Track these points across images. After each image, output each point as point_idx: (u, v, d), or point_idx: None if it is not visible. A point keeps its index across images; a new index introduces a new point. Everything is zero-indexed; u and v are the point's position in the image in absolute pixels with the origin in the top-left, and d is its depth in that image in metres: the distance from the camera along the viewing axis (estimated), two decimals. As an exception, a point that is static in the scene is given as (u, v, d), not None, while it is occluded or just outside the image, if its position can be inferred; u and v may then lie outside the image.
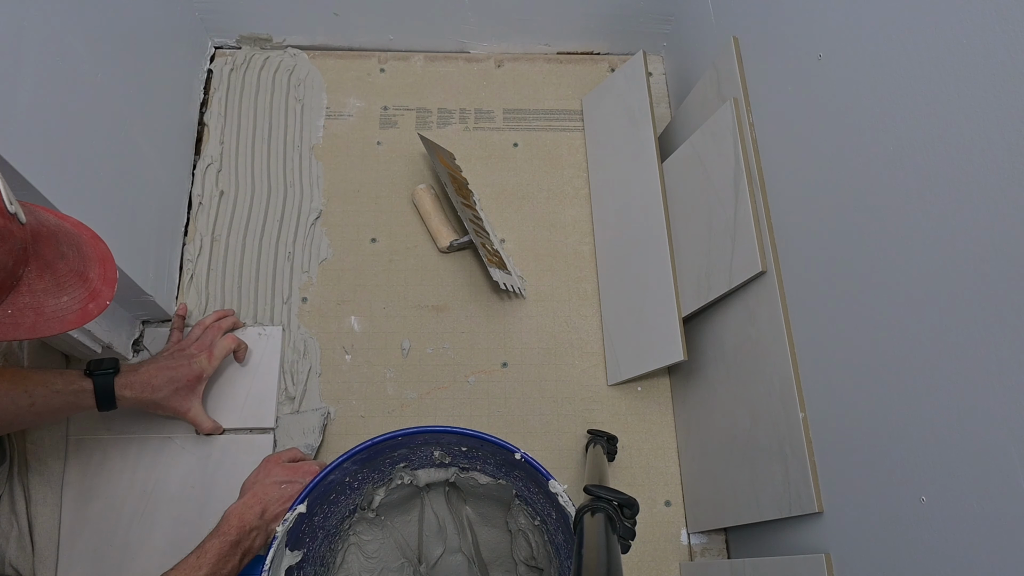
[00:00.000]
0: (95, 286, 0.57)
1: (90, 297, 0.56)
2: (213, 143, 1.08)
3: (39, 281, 0.52)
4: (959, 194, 0.50)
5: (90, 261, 0.57)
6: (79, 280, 0.56)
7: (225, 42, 1.15)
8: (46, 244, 0.53)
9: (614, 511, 0.58)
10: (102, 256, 0.59)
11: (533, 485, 0.79)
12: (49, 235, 0.53)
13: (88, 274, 0.56)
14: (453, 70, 1.17)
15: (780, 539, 0.77)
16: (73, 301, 0.55)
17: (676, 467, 0.96)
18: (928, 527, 0.54)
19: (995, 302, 0.48)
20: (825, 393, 0.68)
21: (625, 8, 1.11)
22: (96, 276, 0.57)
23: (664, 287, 0.91)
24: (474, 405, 0.97)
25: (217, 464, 0.90)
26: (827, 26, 0.67)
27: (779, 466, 0.73)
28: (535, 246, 1.07)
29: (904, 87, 0.56)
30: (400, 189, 1.09)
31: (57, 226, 0.55)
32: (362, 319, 1.01)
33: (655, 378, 1.00)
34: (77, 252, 0.56)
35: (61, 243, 0.54)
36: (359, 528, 0.90)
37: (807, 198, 0.70)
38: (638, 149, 1.00)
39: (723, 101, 0.85)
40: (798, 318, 0.72)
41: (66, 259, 0.55)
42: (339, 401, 0.96)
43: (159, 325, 0.97)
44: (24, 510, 0.84)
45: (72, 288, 0.55)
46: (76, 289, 0.55)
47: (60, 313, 0.53)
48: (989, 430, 0.48)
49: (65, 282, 0.54)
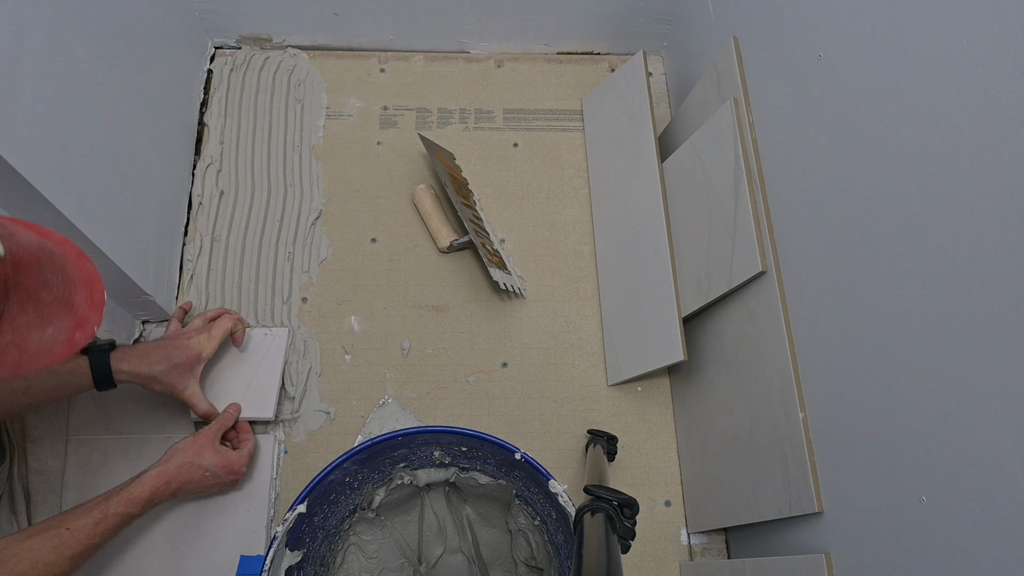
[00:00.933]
0: (82, 313, 0.53)
1: (76, 325, 0.53)
2: (213, 143, 1.08)
3: (21, 315, 0.48)
4: (959, 194, 0.50)
5: (76, 285, 0.54)
6: (64, 308, 0.52)
7: (225, 42, 1.15)
8: (28, 273, 0.48)
9: (614, 511, 0.58)
10: (88, 278, 0.55)
11: (533, 485, 0.79)
12: (31, 262, 0.49)
13: (74, 300, 0.53)
14: (453, 70, 1.17)
15: (780, 539, 0.77)
16: (59, 332, 0.51)
17: (676, 467, 0.96)
18: (928, 527, 0.54)
19: (995, 302, 0.48)
20: (825, 393, 0.68)
21: (625, 8, 1.11)
22: (82, 302, 0.54)
23: (664, 287, 0.91)
24: (474, 405, 0.97)
25: (217, 464, 0.90)
26: (827, 26, 0.67)
27: (779, 466, 0.73)
28: (535, 246, 1.07)
29: (904, 87, 0.56)
30: (400, 189, 1.09)
31: (40, 248, 0.51)
32: (362, 319, 1.01)
33: (655, 378, 1.00)
34: (62, 277, 0.52)
35: (45, 269, 0.50)
36: (359, 528, 0.90)
37: (807, 198, 0.70)
38: (638, 149, 1.00)
39: (723, 101, 0.85)
40: (798, 318, 0.72)
41: (50, 287, 0.50)
42: (339, 401, 0.96)
43: (159, 325, 0.97)
44: (24, 510, 0.84)
45: (57, 318, 0.51)
46: (62, 319, 0.51)
47: (45, 346, 0.50)
48: (989, 430, 0.48)
49: (50, 313, 0.50)
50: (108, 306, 0.87)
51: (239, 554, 0.84)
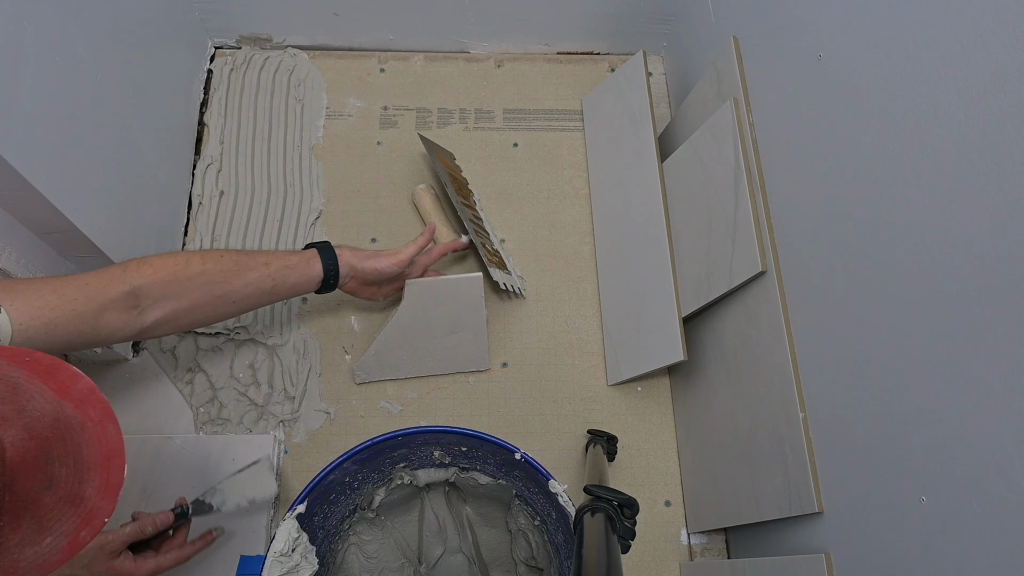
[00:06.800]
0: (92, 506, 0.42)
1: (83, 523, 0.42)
2: (213, 143, 1.08)
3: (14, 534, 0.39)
4: (959, 194, 0.50)
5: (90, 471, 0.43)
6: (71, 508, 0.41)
7: (225, 42, 1.15)
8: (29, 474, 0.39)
9: (614, 511, 0.58)
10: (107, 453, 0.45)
11: (533, 485, 0.79)
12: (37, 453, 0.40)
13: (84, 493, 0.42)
14: (453, 70, 1.17)
15: (780, 539, 0.77)
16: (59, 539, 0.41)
17: (676, 467, 0.96)
18: (928, 527, 0.54)
19: (995, 302, 0.48)
20: (825, 393, 0.68)
21: (625, 8, 1.11)
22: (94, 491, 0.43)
23: (664, 287, 0.91)
24: (474, 405, 0.97)
25: (217, 464, 0.90)
26: (827, 26, 0.67)
27: (779, 466, 0.73)
28: (535, 246, 1.07)
29: (904, 87, 0.56)
30: (400, 189, 1.09)
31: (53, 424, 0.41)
32: (362, 319, 1.01)
33: (655, 378, 1.00)
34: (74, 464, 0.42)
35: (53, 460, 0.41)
36: (359, 528, 0.90)
37: (807, 198, 0.70)
38: (638, 149, 1.00)
39: (723, 101, 0.85)
40: (798, 318, 0.72)
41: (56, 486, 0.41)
42: (339, 401, 0.96)
43: (159, 325, 0.97)
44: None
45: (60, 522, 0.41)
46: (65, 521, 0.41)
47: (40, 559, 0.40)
48: (989, 430, 0.48)
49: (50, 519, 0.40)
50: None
51: (239, 554, 0.84)
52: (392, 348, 0.94)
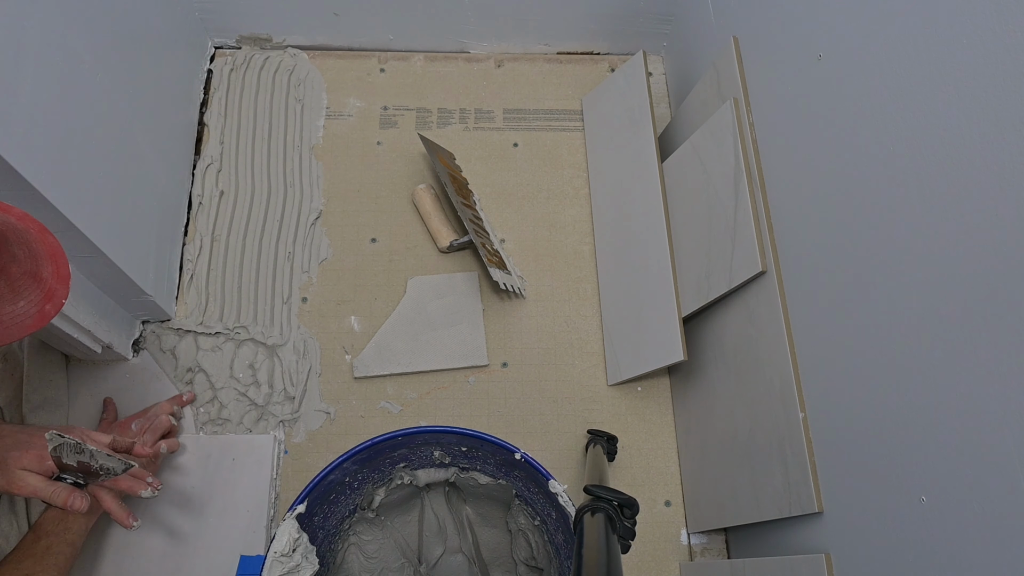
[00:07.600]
0: (50, 285, 0.55)
1: (46, 298, 0.55)
2: (213, 143, 1.08)
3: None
4: (959, 194, 0.50)
5: (42, 259, 0.55)
6: (33, 282, 0.54)
7: (225, 42, 1.15)
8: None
9: (614, 511, 0.58)
10: (52, 252, 0.57)
11: (533, 485, 0.79)
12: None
13: (41, 273, 0.55)
14: (453, 70, 1.17)
15: (780, 539, 0.77)
16: (30, 305, 0.53)
17: (676, 467, 0.96)
18: (928, 527, 0.54)
19: (995, 301, 0.48)
20: (825, 393, 0.68)
21: (625, 8, 1.11)
22: (49, 275, 0.55)
23: (664, 287, 0.91)
24: (474, 405, 0.97)
25: (217, 464, 0.90)
26: (827, 26, 0.67)
27: (779, 466, 0.73)
28: (535, 246, 1.07)
29: (904, 87, 0.56)
30: (400, 189, 1.09)
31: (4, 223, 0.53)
32: (362, 319, 1.01)
33: (655, 378, 1.00)
34: (28, 251, 0.54)
35: (11, 243, 0.53)
36: (359, 528, 0.90)
37: (807, 198, 0.70)
38: (638, 149, 1.00)
39: (723, 101, 0.85)
40: (798, 318, 0.72)
41: (18, 261, 0.53)
42: (339, 401, 0.96)
43: (159, 324, 0.97)
44: (24, 510, 0.84)
45: (27, 291, 0.53)
46: (31, 292, 0.54)
47: (17, 319, 0.52)
48: (989, 430, 0.48)
49: (19, 286, 0.53)
50: (108, 306, 0.87)
51: (239, 554, 0.84)
52: (393, 339, 0.97)
